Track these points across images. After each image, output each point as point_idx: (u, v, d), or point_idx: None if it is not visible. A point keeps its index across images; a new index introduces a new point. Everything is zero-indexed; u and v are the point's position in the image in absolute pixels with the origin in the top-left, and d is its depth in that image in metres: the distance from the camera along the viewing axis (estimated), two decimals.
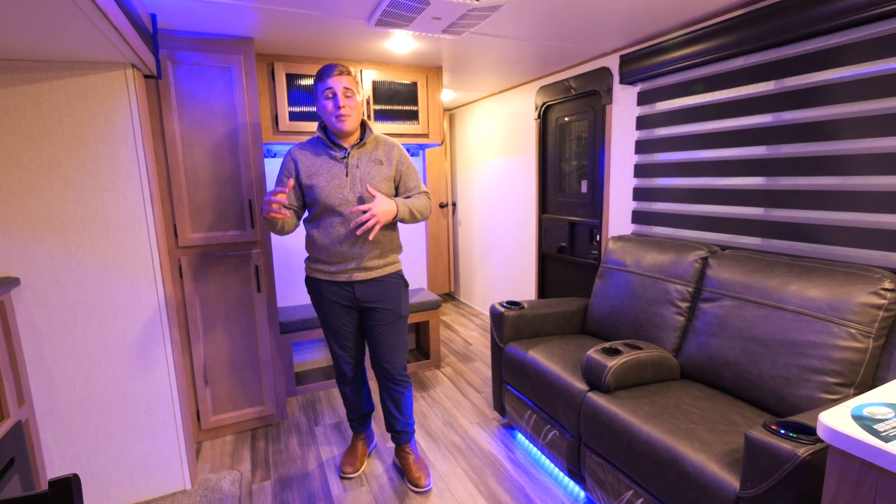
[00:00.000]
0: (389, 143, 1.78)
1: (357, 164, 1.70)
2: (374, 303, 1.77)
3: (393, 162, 1.74)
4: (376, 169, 1.71)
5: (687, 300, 1.79)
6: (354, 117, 1.67)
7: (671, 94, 2.12)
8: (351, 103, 1.65)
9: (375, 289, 1.76)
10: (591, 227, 2.73)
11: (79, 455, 1.60)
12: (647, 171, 2.29)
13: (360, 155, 1.71)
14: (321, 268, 1.75)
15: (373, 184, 1.69)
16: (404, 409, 1.87)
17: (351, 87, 1.65)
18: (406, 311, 1.84)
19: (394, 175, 1.75)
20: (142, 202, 1.57)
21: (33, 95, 1.41)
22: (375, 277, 1.75)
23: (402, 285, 1.82)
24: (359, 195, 1.68)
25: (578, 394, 1.65)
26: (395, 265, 1.81)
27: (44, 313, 1.50)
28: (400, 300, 1.80)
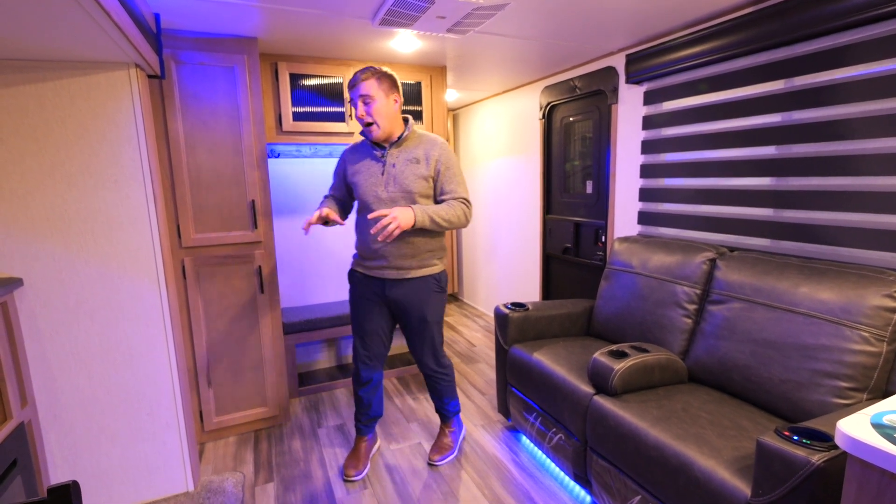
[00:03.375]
0: (430, 142, 1.75)
1: (394, 163, 1.72)
2: (402, 303, 1.78)
3: (431, 161, 1.71)
4: (411, 167, 1.70)
5: (694, 302, 1.77)
6: (380, 122, 1.67)
7: (678, 94, 2.10)
8: (369, 110, 1.65)
9: (405, 289, 1.77)
10: (597, 228, 2.70)
11: (81, 456, 1.59)
12: (653, 171, 2.27)
13: (399, 153, 1.73)
14: (360, 262, 1.83)
15: (405, 182, 1.70)
16: (441, 395, 1.98)
17: (369, 93, 1.65)
18: (433, 317, 1.82)
19: (430, 174, 1.72)
20: (145, 202, 1.56)
21: (36, 95, 1.40)
22: (407, 278, 1.76)
23: (434, 290, 1.80)
24: (391, 194, 1.70)
25: (584, 397, 1.63)
26: (430, 268, 1.78)
27: (46, 314, 1.49)
28: (427, 304, 1.79)
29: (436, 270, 1.80)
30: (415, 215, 1.62)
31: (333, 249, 2.87)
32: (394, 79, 1.71)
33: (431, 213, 1.65)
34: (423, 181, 1.71)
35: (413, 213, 1.62)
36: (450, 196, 1.72)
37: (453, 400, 2.02)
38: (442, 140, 1.77)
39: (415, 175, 1.70)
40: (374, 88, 1.65)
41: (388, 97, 1.68)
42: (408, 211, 1.61)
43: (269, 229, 2.15)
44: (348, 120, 2.46)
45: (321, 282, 2.87)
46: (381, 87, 1.66)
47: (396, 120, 1.72)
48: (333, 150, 2.76)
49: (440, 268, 1.82)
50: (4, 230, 1.41)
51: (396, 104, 1.71)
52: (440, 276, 1.82)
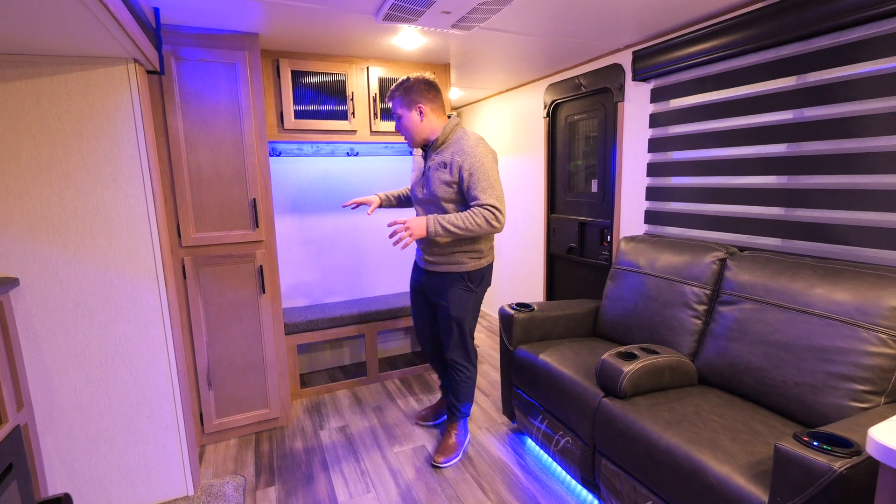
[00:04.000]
0: (460, 147, 1.76)
1: (430, 165, 1.83)
2: (430, 293, 1.96)
3: (455, 167, 1.74)
4: (439, 172, 1.78)
5: (704, 303, 1.74)
6: (411, 136, 1.82)
7: (686, 91, 2.07)
8: (398, 125, 1.84)
9: (434, 281, 1.92)
10: (602, 228, 2.67)
11: (79, 460, 1.56)
12: (660, 169, 2.23)
13: (435, 156, 1.82)
14: (417, 253, 2.02)
15: (433, 186, 1.79)
16: (455, 392, 2.01)
17: (396, 111, 1.81)
18: (457, 313, 1.88)
19: (454, 180, 1.75)
20: (144, 201, 1.53)
21: (33, 91, 1.37)
22: (435, 271, 1.90)
23: (459, 287, 1.86)
24: (425, 195, 1.85)
25: (592, 399, 1.59)
26: (459, 266, 1.85)
27: (43, 315, 1.46)
28: (451, 299, 1.87)
29: (464, 269, 1.85)
30: (427, 226, 1.69)
31: (335, 250, 2.84)
32: (418, 88, 1.77)
33: (446, 223, 1.69)
34: (447, 187, 1.76)
35: (426, 224, 1.69)
36: (476, 203, 1.71)
37: (466, 402, 2.03)
38: (471, 144, 1.75)
39: (440, 180, 1.77)
40: (399, 105, 1.79)
41: (412, 110, 1.78)
42: (421, 222, 1.69)
43: (271, 228, 2.12)
44: (350, 118, 2.43)
45: (324, 282, 2.84)
46: (403, 102, 1.78)
47: (427, 127, 1.81)
48: (336, 149, 2.73)
49: (470, 266, 1.85)
50: (0, 229, 1.38)
51: (422, 114, 1.78)
52: (470, 275, 1.86)
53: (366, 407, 2.47)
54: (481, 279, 1.91)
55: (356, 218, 2.86)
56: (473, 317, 1.94)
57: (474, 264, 1.86)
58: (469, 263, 1.85)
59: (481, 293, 1.93)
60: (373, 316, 2.66)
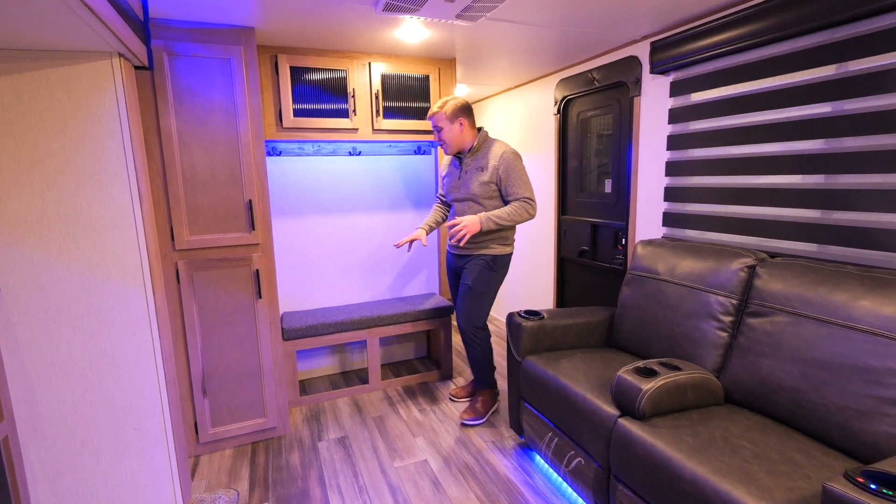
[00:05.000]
0: (494, 152, 2.12)
1: (466, 170, 2.17)
2: (460, 271, 2.29)
3: (492, 170, 2.10)
4: (477, 175, 2.13)
5: (731, 314, 1.59)
6: (450, 143, 2.15)
7: (710, 84, 1.92)
8: (441, 136, 2.15)
9: (462, 260, 2.26)
10: (616, 230, 2.53)
11: (63, 473, 1.48)
12: (680, 168, 2.09)
13: (470, 162, 2.17)
14: (449, 241, 2.32)
15: (472, 187, 2.14)
16: (472, 363, 2.31)
17: (437, 124, 2.14)
18: (477, 288, 2.19)
19: (492, 180, 2.11)
20: (130, 202, 1.45)
21: (13, 87, 1.30)
22: (465, 254, 2.23)
23: (485, 267, 2.18)
24: (463, 195, 2.18)
25: (607, 419, 1.46)
26: (485, 249, 2.18)
27: (25, 322, 1.39)
28: (474, 276, 2.18)
29: (489, 252, 2.18)
30: (480, 222, 2.04)
31: (337, 253, 2.75)
32: (459, 106, 2.12)
33: (495, 217, 2.05)
34: (485, 186, 2.12)
35: (479, 221, 2.04)
36: (513, 198, 2.09)
37: (484, 375, 2.32)
38: (504, 150, 2.10)
39: (479, 182, 2.12)
40: (443, 120, 2.12)
41: (454, 123, 2.13)
42: (475, 219, 2.04)
43: (268, 231, 2.03)
44: (352, 115, 2.33)
45: (324, 286, 2.75)
46: (447, 117, 2.11)
47: (464, 137, 2.16)
48: (337, 148, 2.64)
49: (497, 251, 2.18)
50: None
51: (462, 126, 2.14)
52: (495, 259, 2.18)
53: (366, 416, 2.37)
54: (503, 265, 2.22)
55: (358, 220, 2.77)
56: (490, 296, 2.23)
57: (501, 250, 2.19)
58: (495, 248, 2.17)
59: (500, 277, 2.23)
60: (375, 321, 2.56)
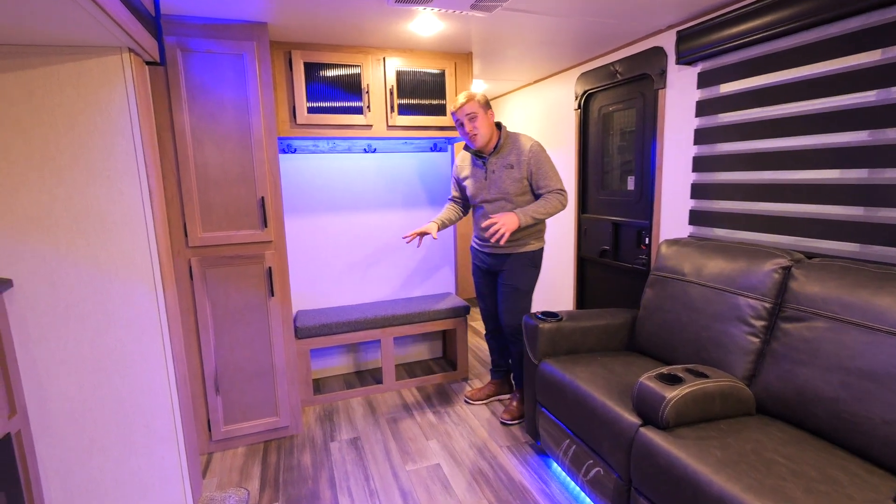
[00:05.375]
0: (521, 146, 2.07)
1: (493, 169, 2.10)
2: (499, 271, 2.21)
3: (523, 165, 2.05)
4: (507, 173, 2.07)
5: (763, 318, 1.49)
6: (483, 132, 2.05)
7: (740, 74, 1.81)
8: (476, 124, 2.04)
9: (502, 260, 2.19)
10: (639, 229, 2.43)
11: (73, 470, 1.49)
12: (708, 164, 1.98)
13: (497, 160, 2.10)
14: (476, 240, 2.31)
15: (503, 186, 2.08)
16: (516, 364, 2.29)
17: (473, 111, 2.03)
18: (524, 286, 2.17)
19: (524, 176, 2.06)
20: (139, 198, 1.43)
21: (24, 83, 1.30)
22: (505, 252, 2.16)
23: (526, 264, 2.15)
24: (493, 195, 2.11)
25: (628, 428, 1.38)
26: (525, 246, 2.14)
27: (35, 318, 1.39)
28: (518, 276, 2.15)
29: (528, 249, 2.15)
30: (519, 219, 1.97)
31: (352, 251, 2.72)
32: (486, 98, 2.09)
33: (531, 212, 2.00)
34: (517, 183, 2.06)
35: (517, 218, 1.97)
36: (545, 190, 2.05)
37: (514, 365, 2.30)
38: (531, 143, 2.05)
39: (510, 179, 2.06)
40: (477, 107, 2.04)
41: (487, 112, 2.07)
42: (513, 217, 1.96)
43: (280, 228, 2.01)
44: (366, 112, 2.29)
45: (339, 284, 2.73)
46: (480, 105, 2.05)
47: (493, 131, 2.09)
48: (352, 146, 2.61)
49: (534, 247, 2.16)
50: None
51: (492, 117, 2.09)
52: (533, 255, 2.16)
53: (379, 417, 2.33)
54: (541, 258, 2.21)
55: (373, 218, 2.73)
56: (531, 292, 2.22)
57: (536, 245, 2.17)
58: (532, 244, 2.15)
59: (539, 272, 2.21)
60: (388, 321, 2.52)
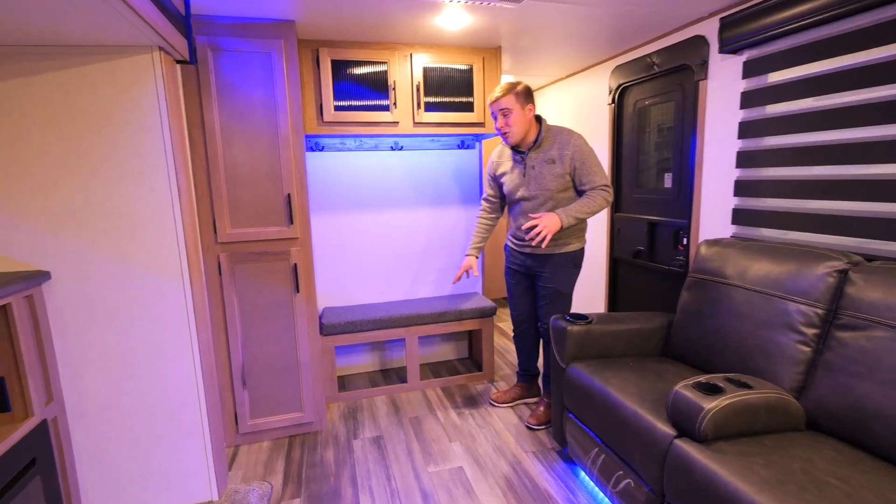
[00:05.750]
0: (563, 140, 1.96)
1: (533, 165, 2.00)
2: (539, 273, 2.12)
3: (566, 160, 1.94)
4: (548, 168, 1.97)
5: (815, 325, 1.36)
6: (516, 130, 1.95)
7: (791, 61, 1.68)
8: (509, 121, 1.94)
9: (541, 262, 2.09)
10: (677, 229, 2.30)
11: (105, 458, 1.54)
12: (754, 159, 1.85)
13: (537, 156, 1.99)
14: (512, 239, 2.20)
15: (543, 183, 1.98)
16: (546, 363, 2.11)
17: (507, 106, 1.93)
18: (565, 288, 2.08)
19: (567, 171, 1.95)
20: (168, 195, 1.46)
21: (60, 82, 1.35)
22: (545, 253, 2.07)
23: (567, 265, 2.06)
24: (533, 192, 2.01)
25: (662, 439, 1.30)
26: (566, 247, 2.04)
27: (71, 310, 1.44)
28: (559, 278, 2.07)
29: (570, 249, 2.05)
30: (561, 220, 1.89)
31: (379, 249, 2.71)
32: (527, 91, 1.96)
33: (574, 212, 1.91)
34: (559, 179, 1.96)
35: (559, 219, 1.89)
36: (588, 186, 1.95)
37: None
38: (574, 137, 1.95)
39: (552, 175, 1.96)
40: (512, 102, 1.93)
41: (524, 108, 1.95)
42: (555, 218, 1.89)
43: (306, 225, 2.02)
44: (392, 109, 2.28)
45: (365, 282, 2.73)
46: (517, 100, 1.93)
47: (531, 125, 1.98)
48: (379, 143, 2.61)
49: (575, 247, 2.06)
50: (31, 222, 1.37)
51: (531, 112, 1.98)
52: (575, 255, 2.07)
53: (403, 417, 2.31)
54: (582, 258, 2.12)
55: (400, 216, 2.72)
56: (571, 293, 2.15)
57: (577, 245, 2.07)
58: (573, 244, 2.06)
59: (579, 272, 2.13)
60: (414, 319, 2.50)
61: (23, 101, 1.32)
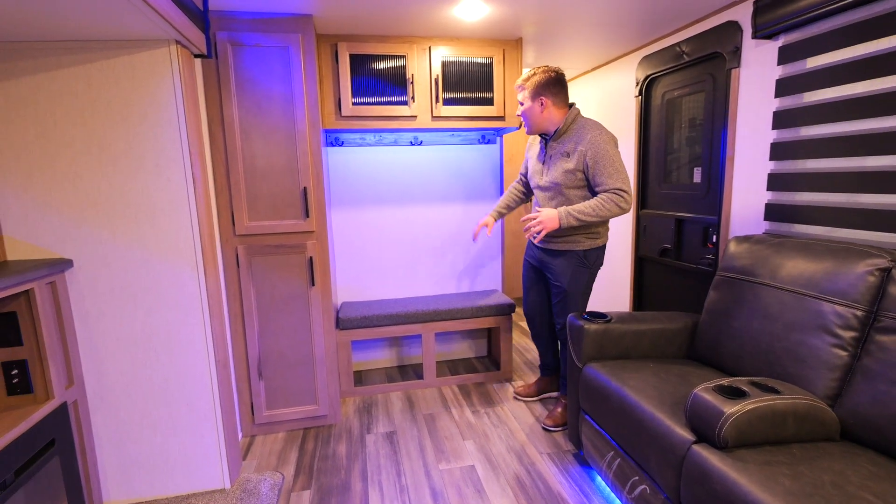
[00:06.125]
0: (581, 135, 1.88)
1: (551, 154, 1.96)
2: (548, 269, 2.07)
3: (578, 156, 1.86)
4: (561, 161, 1.91)
5: (853, 328, 1.26)
6: (531, 123, 1.94)
7: (831, 44, 1.55)
8: (522, 112, 1.95)
9: (550, 258, 2.04)
10: (706, 226, 2.19)
11: (125, 441, 1.59)
12: (790, 150, 1.73)
13: (556, 146, 1.95)
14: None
15: (555, 175, 1.93)
16: (563, 364, 2.18)
17: (519, 100, 1.96)
18: (572, 288, 2.00)
19: (578, 168, 1.87)
20: (185, 186, 1.50)
21: (84, 76, 1.39)
22: (553, 249, 2.01)
23: (576, 264, 1.98)
24: (546, 183, 1.96)
25: (680, 444, 1.22)
26: (576, 244, 1.97)
27: (94, 296, 1.49)
28: (566, 276, 1.99)
29: (581, 247, 1.97)
30: (560, 220, 1.83)
31: (398, 244, 2.71)
32: (543, 81, 1.90)
33: (577, 213, 1.82)
34: (570, 174, 1.89)
35: (558, 218, 1.83)
36: (601, 188, 1.84)
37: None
38: (595, 134, 1.85)
39: (562, 169, 1.90)
40: (524, 95, 1.93)
41: (534, 101, 1.91)
42: (554, 216, 1.83)
43: (322, 219, 2.03)
44: (410, 102, 2.26)
45: (384, 277, 2.73)
46: (529, 94, 1.92)
47: (547, 117, 1.93)
48: (399, 138, 2.60)
49: (586, 245, 1.97)
50: (56, 211, 1.43)
51: (543, 106, 1.91)
52: (586, 254, 1.98)
53: (417, 413, 2.29)
54: (596, 258, 2.01)
55: (420, 212, 2.71)
56: (587, 293, 2.06)
57: (590, 243, 1.97)
58: (585, 243, 1.96)
59: (595, 272, 2.04)
60: (430, 315, 2.48)
61: (50, 94, 1.38)
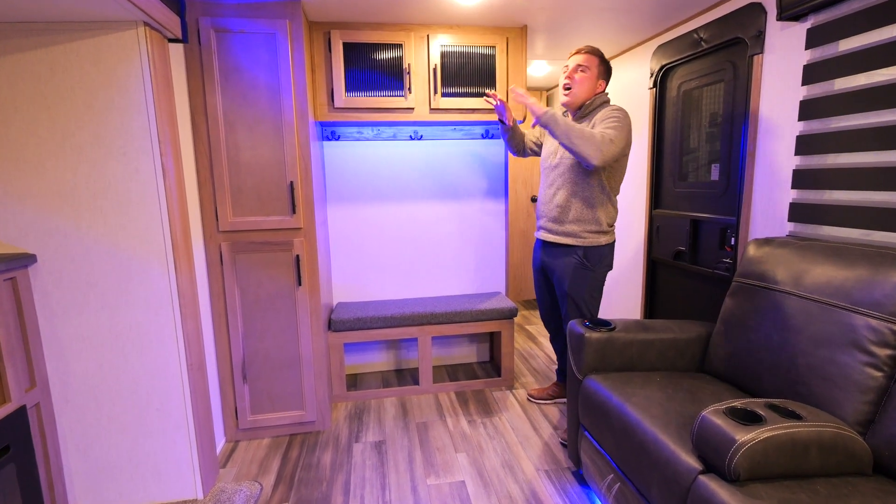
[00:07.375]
0: (601, 112, 1.80)
1: None
2: (548, 268, 1.96)
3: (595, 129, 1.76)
4: None
5: (889, 345, 1.09)
6: (577, 91, 1.85)
7: (868, 23, 1.38)
8: (576, 77, 1.84)
9: (550, 253, 1.93)
10: (724, 227, 2.01)
11: (92, 446, 1.51)
12: (818, 143, 1.55)
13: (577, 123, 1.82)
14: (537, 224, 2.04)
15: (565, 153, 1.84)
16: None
17: (585, 64, 1.84)
18: (574, 293, 1.88)
19: None
20: (154, 176, 1.41)
21: (48, 60, 1.32)
22: (552, 242, 1.89)
23: (575, 264, 1.85)
24: (560, 160, 1.87)
25: (685, 473, 1.08)
26: (576, 238, 1.84)
27: (59, 293, 1.42)
28: (567, 278, 1.86)
29: (580, 243, 1.84)
30: (541, 105, 1.75)
31: (395, 243, 2.60)
32: (610, 70, 1.91)
33: (560, 118, 1.72)
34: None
35: (540, 104, 1.76)
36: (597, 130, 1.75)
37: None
38: (612, 108, 1.79)
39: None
40: (594, 63, 1.85)
41: (597, 79, 1.87)
42: (538, 100, 1.75)
43: (311, 216, 1.93)
44: (406, 93, 2.15)
45: (382, 278, 2.62)
46: (599, 66, 1.86)
47: (589, 97, 1.86)
48: (398, 132, 2.49)
49: (587, 242, 1.84)
50: (19, 203, 1.36)
51: (601, 86, 1.89)
52: (586, 252, 1.84)
53: (410, 422, 2.17)
54: (600, 259, 1.87)
55: (420, 210, 2.59)
56: (593, 297, 1.91)
57: (592, 239, 1.84)
58: (587, 238, 1.84)
59: (600, 275, 1.90)
60: (426, 318, 2.36)
61: (11, 79, 1.31)
